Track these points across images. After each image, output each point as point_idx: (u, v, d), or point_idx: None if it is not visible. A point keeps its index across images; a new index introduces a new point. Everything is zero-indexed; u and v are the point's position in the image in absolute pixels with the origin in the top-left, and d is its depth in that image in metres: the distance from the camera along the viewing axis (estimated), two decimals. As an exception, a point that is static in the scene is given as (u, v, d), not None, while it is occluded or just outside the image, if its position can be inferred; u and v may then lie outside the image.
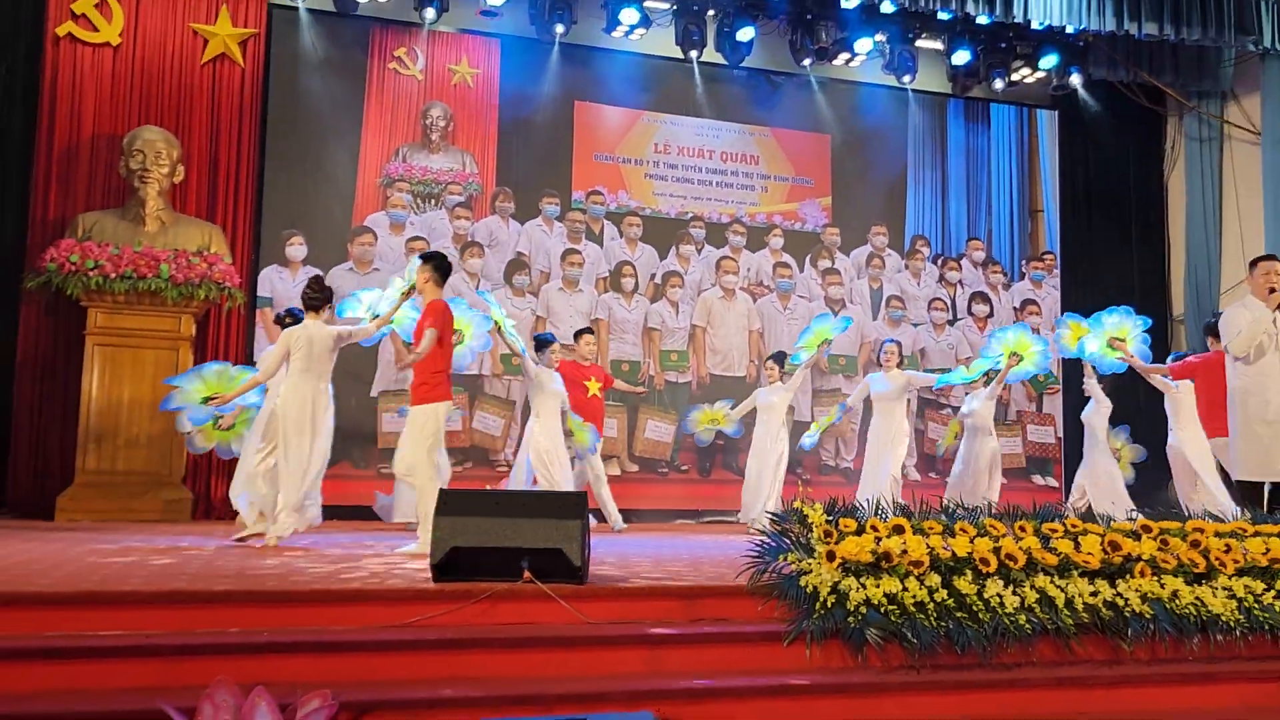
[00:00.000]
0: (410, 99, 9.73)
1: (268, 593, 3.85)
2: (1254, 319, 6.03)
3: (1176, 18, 9.01)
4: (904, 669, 3.87)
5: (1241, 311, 6.18)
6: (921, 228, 11.05)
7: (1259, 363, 6.10)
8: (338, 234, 9.37)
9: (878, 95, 10.93)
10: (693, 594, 4.16)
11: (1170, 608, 4.24)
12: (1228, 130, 10.99)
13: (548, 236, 9.90)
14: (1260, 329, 6.01)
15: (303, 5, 9.32)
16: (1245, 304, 6.22)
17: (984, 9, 8.69)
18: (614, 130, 10.21)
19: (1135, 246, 11.62)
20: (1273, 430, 6.07)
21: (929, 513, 4.44)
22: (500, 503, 4.27)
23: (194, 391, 6.49)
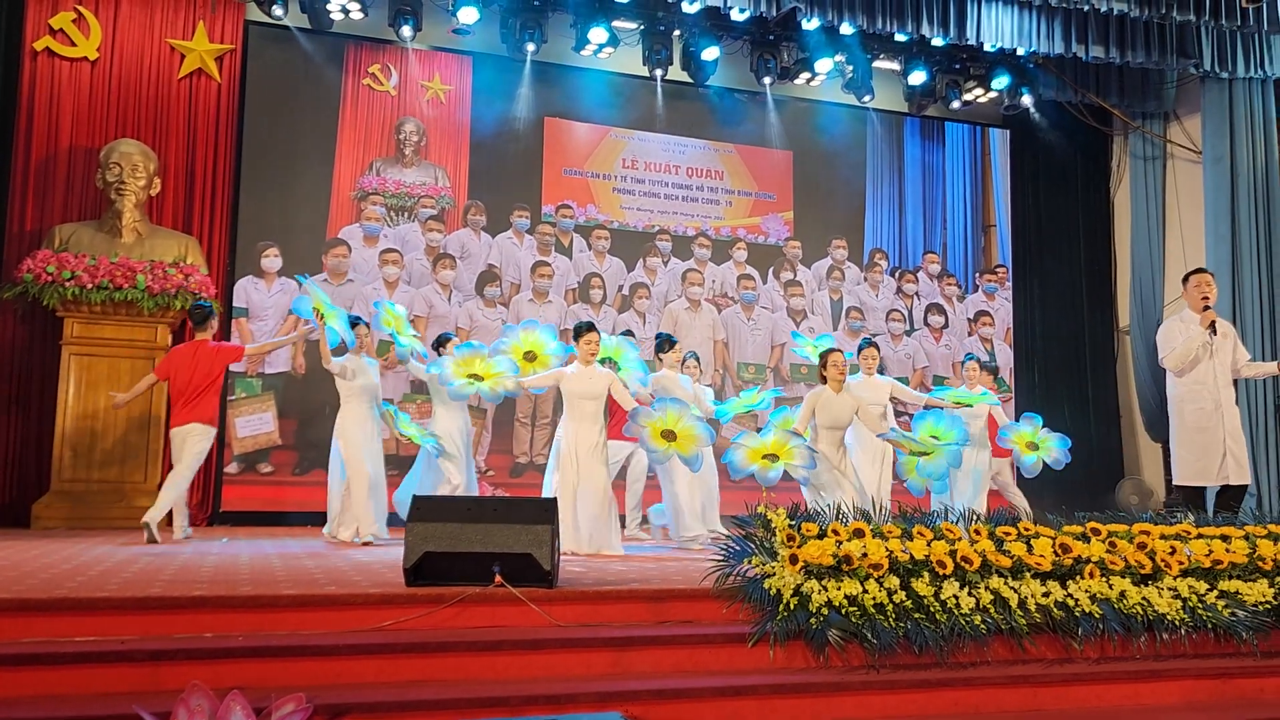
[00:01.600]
0: (384, 114, 9.81)
1: (242, 597, 3.88)
2: (1188, 337, 6.28)
3: (1122, 41, 9.28)
4: (864, 669, 3.97)
5: (1177, 325, 6.43)
6: (880, 241, 11.27)
7: (1195, 372, 6.35)
8: (312, 246, 9.42)
9: (837, 113, 11.15)
10: (660, 597, 4.25)
11: (1118, 607, 4.38)
12: (1170, 149, 11.31)
13: (518, 249, 10.01)
14: (1195, 345, 6.26)
15: (279, 21, 9.34)
16: (1181, 318, 6.48)
17: (939, 31, 8.89)
18: (583, 146, 10.36)
19: (1083, 260, 11.94)
20: (1209, 436, 6.31)
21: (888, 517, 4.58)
22: (472, 508, 4.34)
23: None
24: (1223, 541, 4.84)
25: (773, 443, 6.08)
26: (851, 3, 8.56)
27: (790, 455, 6.00)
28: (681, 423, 6.04)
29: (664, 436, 6.04)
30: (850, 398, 6.65)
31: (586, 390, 6.38)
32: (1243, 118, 9.92)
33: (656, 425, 6.03)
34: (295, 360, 9.19)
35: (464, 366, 6.48)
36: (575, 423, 6.38)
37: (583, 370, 6.43)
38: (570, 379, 6.41)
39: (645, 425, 6.03)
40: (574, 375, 6.42)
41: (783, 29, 9.97)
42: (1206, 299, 6.36)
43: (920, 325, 11.25)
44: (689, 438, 6.05)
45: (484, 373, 6.49)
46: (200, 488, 8.68)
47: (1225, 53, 9.61)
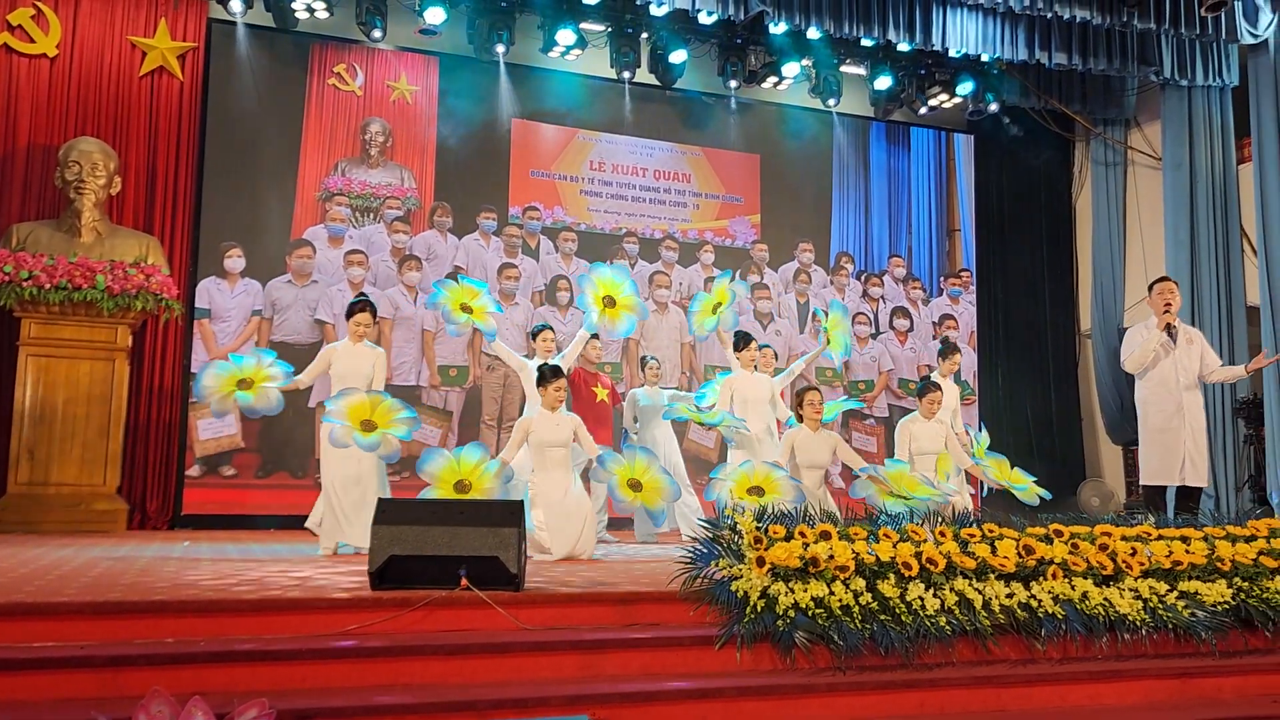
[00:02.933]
0: (349, 114, 9.73)
1: (204, 602, 3.83)
2: (1145, 340, 6.46)
3: (1084, 49, 9.40)
4: (830, 670, 3.98)
5: (1140, 330, 6.64)
6: (845, 244, 11.34)
7: (1158, 374, 6.54)
8: (276, 246, 9.33)
9: (804, 117, 11.21)
10: (627, 599, 4.24)
11: (1081, 608, 4.42)
12: (1131, 155, 11.47)
13: (485, 251, 9.97)
14: (1151, 348, 6.45)
15: (241, 20, 9.25)
16: (1146, 325, 6.65)
17: (904, 37, 8.96)
18: (550, 147, 10.33)
19: (1045, 265, 12.08)
20: (1171, 438, 6.46)
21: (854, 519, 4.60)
22: (438, 511, 4.31)
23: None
24: (1182, 543, 4.91)
25: (759, 476, 6.09)
26: (818, 7, 8.61)
27: (777, 489, 5.98)
28: (649, 474, 6.00)
29: (630, 486, 6.00)
30: (828, 437, 6.73)
31: (553, 438, 6.21)
32: (1202, 125, 10.08)
33: (624, 473, 6.00)
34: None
35: (355, 413, 6.06)
36: (543, 472, 6.21)
37: (549, 416, 6.25)
38: (537, 427, 6.23)
39: (614, 473, 5.99)
40: (540, 422, 6.24)
41: (750, 33, 10.01)
42: (1168, 305, 6.50)
43: (886, 329, 11.33)
44: (655, 490, 6.00)
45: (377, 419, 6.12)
46: (160, 491, 8.58)
47: (1185, 61, 9.76)
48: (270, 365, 6.27)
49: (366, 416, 5.96)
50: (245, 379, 6.17)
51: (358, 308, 6.55)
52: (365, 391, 6.10)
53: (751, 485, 6.01)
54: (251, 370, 6.20)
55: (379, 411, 6.00)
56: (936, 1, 8.82)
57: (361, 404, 5.98)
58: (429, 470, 5.78)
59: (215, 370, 6.21)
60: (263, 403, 6.18)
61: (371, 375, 6.43)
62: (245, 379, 6.17)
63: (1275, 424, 9.15)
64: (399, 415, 6.05)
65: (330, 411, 5.98)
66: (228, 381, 6.14)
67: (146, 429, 8.60)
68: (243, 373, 6.18)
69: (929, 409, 6.91)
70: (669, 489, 6.03)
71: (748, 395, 7.21)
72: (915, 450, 6.84)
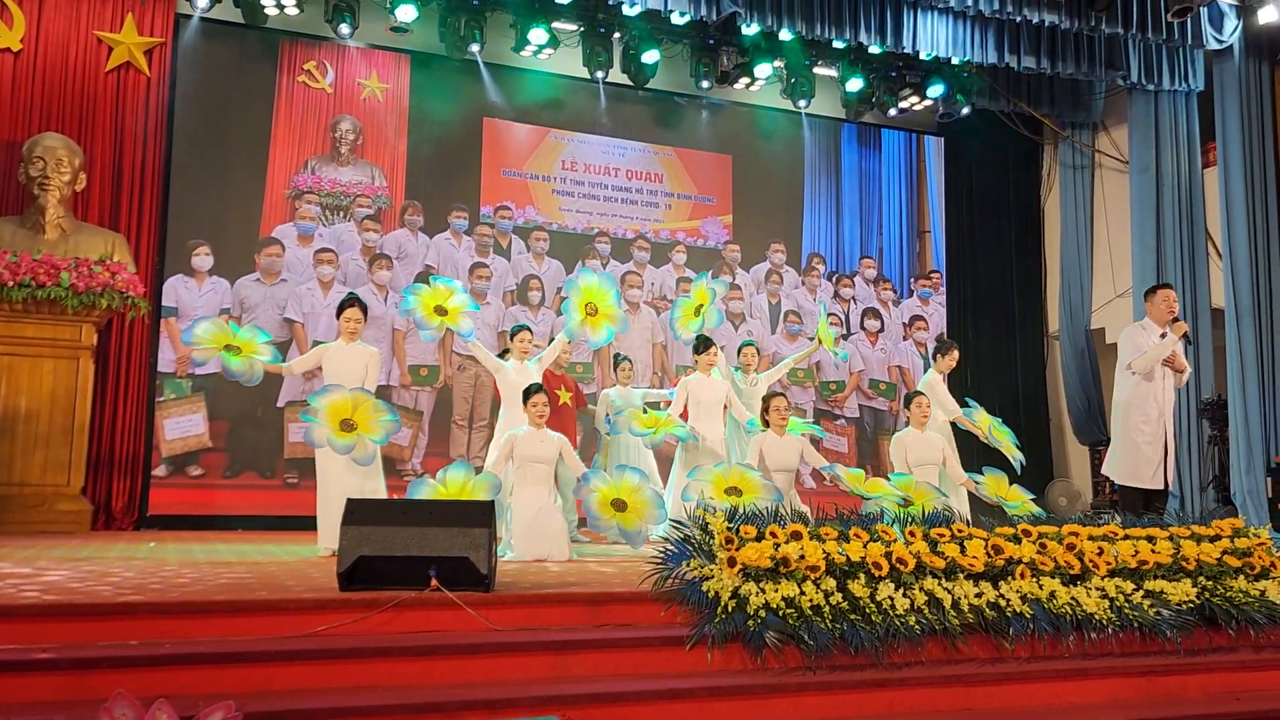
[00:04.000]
0: (319, 112, 9.67)
1: (170, 604, 3.79)
2: (1159, 344, 6.46)
3: (1053, 53, 9.48)
4: (801, 670, 3.98)
5: (1140, 332, 6.64)
6: (817, 245, 11.38)
7: (1149, 381, 6.55)
8: (245, 244, 9.25)
9: (776, 118, 11.24)
10: (598, 600, 4.23)
11: (1048, 607, 4.45)
12: (1098, 159, 11.59)
13: (456, 250, 9.93)
14: (1163, 353, 6.46)
15: (206, 15, 9.15)
16: (1143, 325, 6.68)
17: (876, 39, 9.01)
18: (522, 147, 10.29)
19: (1014, 266, 12.18)
20: (1150, 443, 6.51)
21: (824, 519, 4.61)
22: (408, 511, 4.29)
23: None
24: (1148, 542, 4.95)
25: (736, 476, 6.08)
26: (790, 9, 8.63)
27: (755, 490, 5.97)
28: (637, 495, 5.92)
29: (613, 505, 5.91)
30: (794, 440, 6.77)
31: (538, 454, 6.20)
32: (1168, 129, 10.20)
33: (607, 493, 5.91)
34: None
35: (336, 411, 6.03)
36: (523, 488, 6.18)
37: (533, 433, 6.24)
38: (521, 442, 6.21)
39: (595, 490, 5.92)
40: (524, 438, 6.22)
41: (723, 33, 10.02)
42: (1174, 312, 6.58)
43: (857, 329, 11.38)
44: (638, 513, 5.91)
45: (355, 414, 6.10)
46: (127, 491, 8.47)
47: (1151, 65, 9.87)
48: (264, 344, 6.34)
49: (347, 416, 5.93)
50: (237, 345, 6.20)
51: (348, 303, 6.52)
52: (350, 390, 6.05)
53: (729, 486, 6.01)
54: (245, 340, 6.25)
55: (360, 411, 5.96)
56: (907, 4, 8.87)
57: (343, 403, 5.94)
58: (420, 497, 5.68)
59: (212, 324, 6.30)
60: (244, 370, 6.20)
61: (364, 375, 6.38)
62: (237, 345, 6.20)
63: (1239, 425, 9.27)
64: (380, 418, 6.01)
65: (310, 409, 5.94)
66: (220, 337, 6.19)
67: (112, 428, 8.49)
68: (237, 339, 6.23)
69: (919, 420, 6.92)
70: (654, 514, 5.97)
71: (703, 398, 7.25)
72: (913, 462, 6.85)
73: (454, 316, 6.71)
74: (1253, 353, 9.35)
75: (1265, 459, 9.18)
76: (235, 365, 6.18)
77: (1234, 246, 9.54)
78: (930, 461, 6.85)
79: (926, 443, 6.90)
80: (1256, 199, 9.57)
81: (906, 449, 6.92)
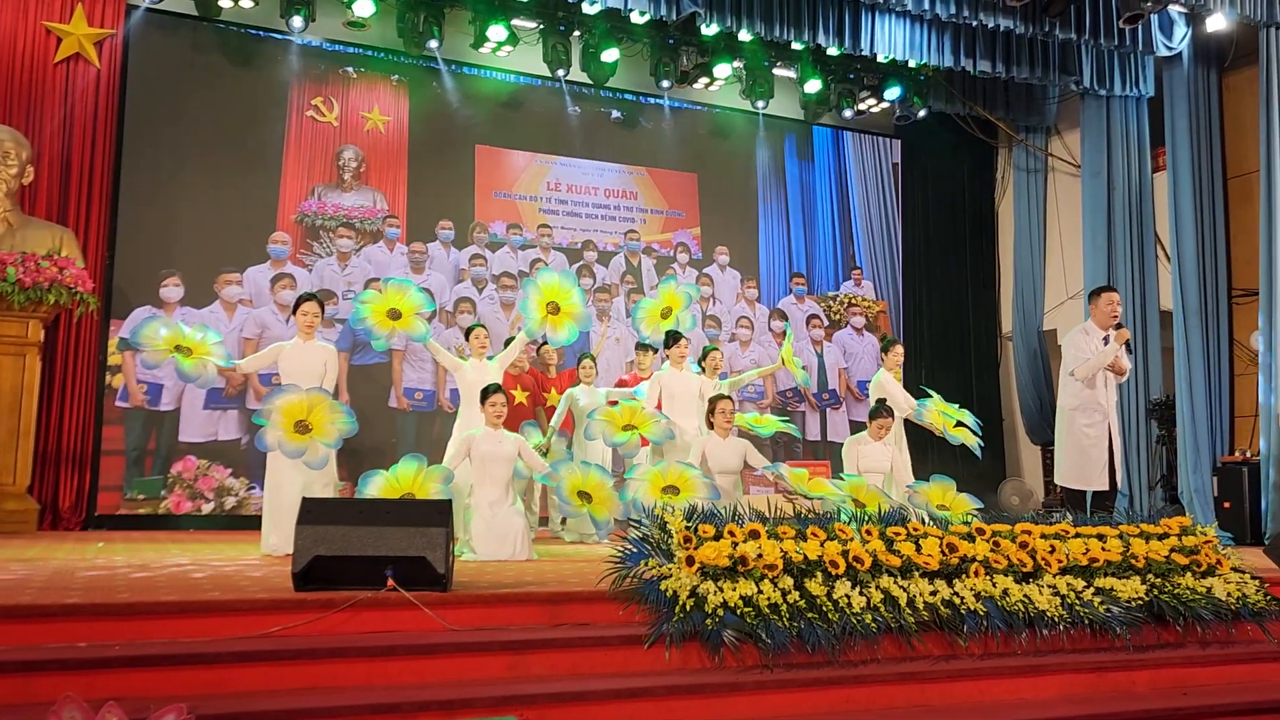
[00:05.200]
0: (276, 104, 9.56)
1: (120, 605, 3.73)
2: (1103, 351, 6.57)
3: (1007, 57, 9.60)
4: (758, 668, 4.01)
5: (1082, 337, 6.74)
6: (775, 250, 11.47)
7: (1094, 382, 6.66)
8: (198, 241, 9.10)
9: (737, 128, 11.35)
10: (556, 599, 4.23)
11: (1001, 605, 4.51)
12: (1051, 163, 11.75)
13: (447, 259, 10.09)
14: (1107, 360, 6.56)
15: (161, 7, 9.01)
16: (1085, 329, 6.78)
17: (834, 41, 9.06)
18: (511, 171, 10.49)
19: (968, 268, 12.32)
20: (1093, 444, 6.62)
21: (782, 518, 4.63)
22: (364, 511, 4.25)
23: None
24: (1099, 541, 5.04)
25: (673, 474, 6.10)
26: (750, 9, 8.66)
27: (692, 488, 6.00)
28: (603, 490, 6.04)
29: (580, 496, 6.01)
30: (737, 442, 6.82)
31: (495, 453, 6.19)
32: (1119, 134, 10.36)
33: (575, 483, 6.02)
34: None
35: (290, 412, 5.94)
36: (482, 488, 6.16)
37: (491, 433, 6.23)
38: (478, 442, 6.20)
39: (564, 478, 6.03)
40: (482, 438, 6.21)
41: (683, 33, 10.04)
42: (1117, 316, 6.68)
43: (805, 333, 11.46)
44: (604, 504, 6.06)
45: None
46: (74, 490, 8.31)
47: (1104, 71, 10.02)
48: (215, 344, 6.23)
49: (302, 417, 5.84)
50: (186, 346, 6.08)
51: (304, 298, 6.41)
52: (306, 390, 5.96)
53: (666, 484, 6.04)
54: (195, 341, 6.13)
55: (316, 413, 5.86)
56: (865, 7, 8.93)
57: (298, 404, 5.84)
58: (370, 492, 5.61)
59: (159, 324, 6.16)
60: (198, 372, 6.10)
61: (323, 374, 6.28)
62: (186, 346, 6.08)
63: (1186, 426, 9.44)
64: (336, 420, 5.92)
65: (263, 411, 5.85)
66: (169, 339, 6.06)
67: (59, 426, 8.31)
68: (186, 340, 6.10)
69: (877, 433, 7.06)
70: (618, 506, 6.08)
71: (675, 391, 7.28)
72: (864, 468, 6.99)
73: (408, 320, 6.58)
74: (1200, 354, 9.53)
75: (1211, 459, 9.37)
76: (187, 367, 6.06)
77: (1182, 250, 9.72)
78: (877, 470, 7.01)
79: (876, 453, 7.07)
80: (1204, 203, 9.76)
81: (859, 455, 7.07)
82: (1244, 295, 9.75)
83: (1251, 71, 9.43)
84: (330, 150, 9.72)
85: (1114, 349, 6.61)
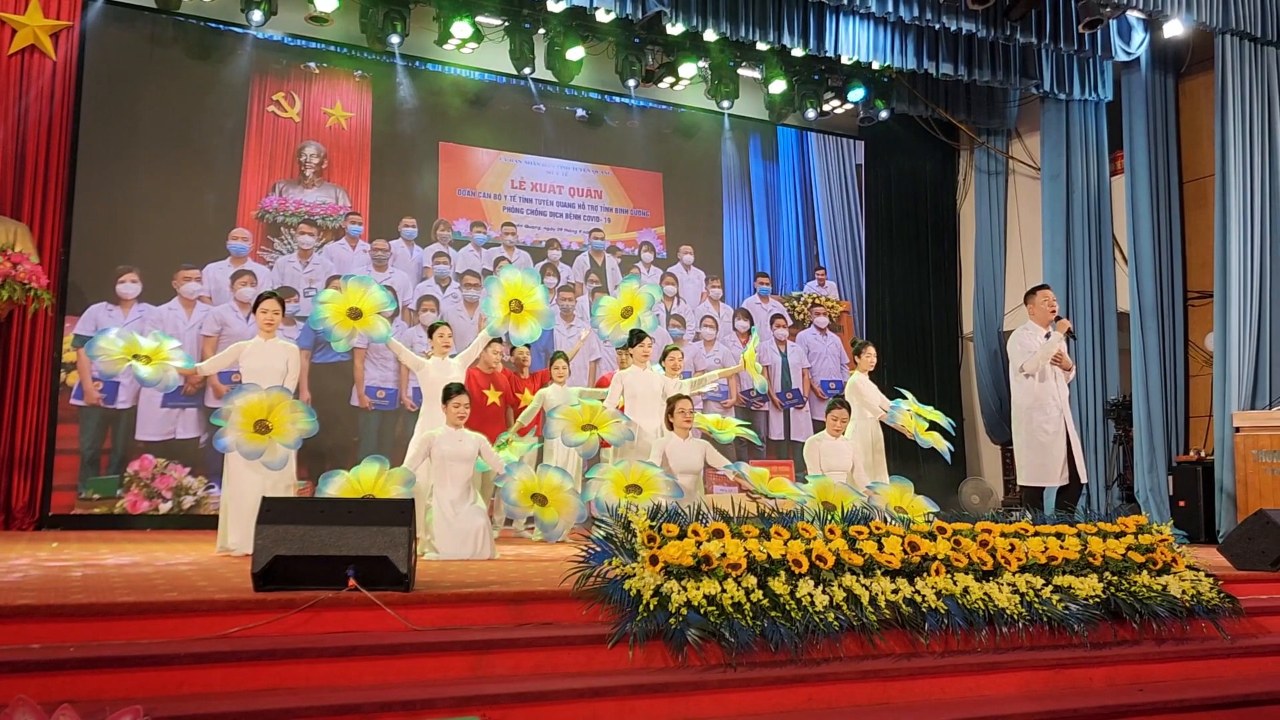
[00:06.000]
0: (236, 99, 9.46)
1: (75, 605, 3.66)
2: (1046, 344, 6.68)
3: (970, 60, 9.69)
4: (721, 667, 4.01)
5: (1027, 334, 6.85)
6: (740, 249, 11.51)
7: (1044, 381, 6.76)
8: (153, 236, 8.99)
9: (702, 129, 11.40)
10: (519, 599, 4.20)
11: (962, 603, 4.54)
12: (1012, 165, 11.89)
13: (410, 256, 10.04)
14: (1051, 351, 6.68)
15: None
16: (1027, 328, 6.89)
17: (799, 42, 9.10)
18: (475, 169, 10.45)
19: (930, 269, 12.43)
20: (1052, 440, 6.73)
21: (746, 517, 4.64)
22: (325, 510, 4.20)
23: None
24: (1057, 539, 5.09)
25: (636, 474, 6.07)
26: (715, 9, 8.68)
27: (655, 487, 5.99)
28: (559, 493, 5.93)
29: (533, 499, 5.93)
30: (698, 443, 6.84)
31: (456, 453, 6.15)
32: (1078, 137, 10.50)
33: (529, 485, 5.92)
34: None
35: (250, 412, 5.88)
36: (444, 488, 6.11)
37: (452, 432, 6.20)
38: (439, 443, 6.16)
39: (517, 480, 5.93)
40: (443, 438, 6.17)
41: (648, 32, 10.05)
42: (1055, 311, 6.78)
43: (769, 332, 11.51)
44: (557, 509, 5.93)
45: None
46: (28, 490, 8.17)
47: (1063, 75, 10.15)
48: (173, 349, 6.17)
49: (261, 417, 5.76)
50: (144, 355, 6.01)
51: (264, 296, 6.34)
52: (267, 390, 5.88)
53: (628, 484, 6.02)
54: (151, 349, 6.07)
55: (276, 413, 5.79)
56: (830, 9, 8.98)
57: (258, 403, 5.77)
58: (331, 492, 5.52)
59: (115, 335, 6.07)
60: (157, 377, 6.03)
61: (285, 372, 6.21)
62: (144, 355, 6.01)
63: (1142, 425, 9.57)
64: (296, 420, 5.85)
65: (222, 411, 5.77)
66: (126, 349, 5.98)
67: (12, 425, 8.17)
68: (142, 349, 6.03)
69: (834, 425, 7.08)
70: (573, 511, 5.99)
71: (638, 390, 7.28)
72: (826, 467, 7.01)
73: (368, 319, 6.51)
74: (1156, 354, 9.67)
75: (1167, 458, 9.51)
76: (147, 374, 5.98)
77: (1139, 252, 9.86)
78: (840, 468, 7.04)
79: (838, 449, 7.10)
80: (1160, 206, 9.91)
81: (820, 453, 7.10)
82: (1199, 297, 9.91)
83: (1207, 77, 9.60)
84: (292, 146, 9.63)
85: (1058, 339, 6.74)
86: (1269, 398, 8.70)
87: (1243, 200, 8.94)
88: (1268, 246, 8.98)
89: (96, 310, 8.64)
